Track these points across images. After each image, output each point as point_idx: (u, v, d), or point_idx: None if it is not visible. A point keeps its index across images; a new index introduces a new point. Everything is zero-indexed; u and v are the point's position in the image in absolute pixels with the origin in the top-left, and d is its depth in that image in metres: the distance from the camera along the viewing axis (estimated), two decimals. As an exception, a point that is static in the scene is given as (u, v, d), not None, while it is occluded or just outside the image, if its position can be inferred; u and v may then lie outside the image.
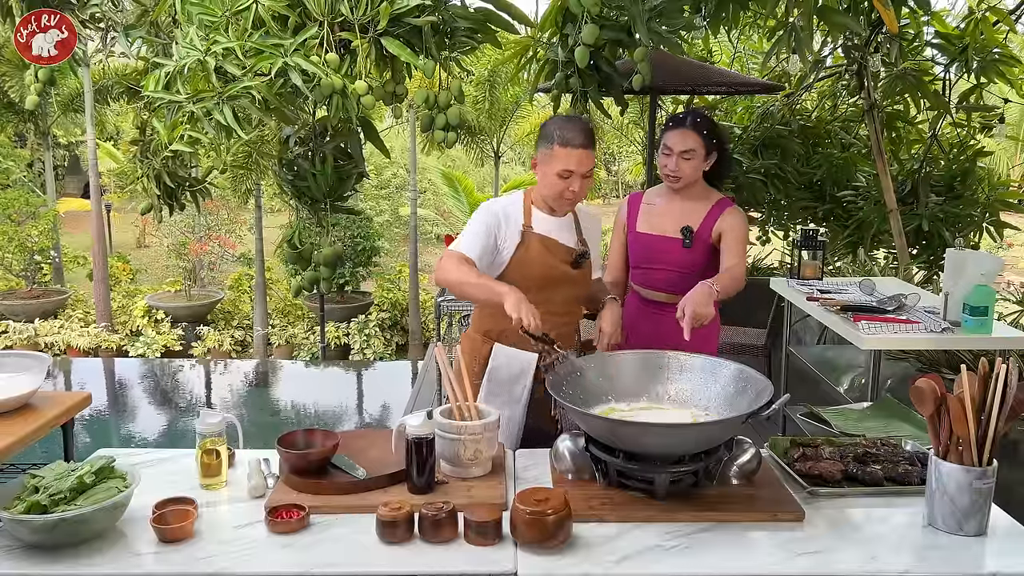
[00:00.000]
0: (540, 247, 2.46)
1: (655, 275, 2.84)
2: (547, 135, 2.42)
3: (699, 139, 2.71)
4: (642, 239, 2.87)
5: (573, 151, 2.37)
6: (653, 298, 2.85)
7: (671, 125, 2.77)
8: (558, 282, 2.48)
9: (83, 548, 1.69)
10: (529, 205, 2.51)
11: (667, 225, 2.81)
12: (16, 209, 10.57)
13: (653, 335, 2.74)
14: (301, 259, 3.64)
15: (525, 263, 2.45)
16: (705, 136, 2.71)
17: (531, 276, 2.44)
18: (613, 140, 15.41)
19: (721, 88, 5.81)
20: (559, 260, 2.48)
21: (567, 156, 2.38)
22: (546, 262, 2.46)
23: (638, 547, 1.71)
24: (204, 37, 2.75)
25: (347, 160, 3.62)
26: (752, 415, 1.88)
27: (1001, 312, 4.40)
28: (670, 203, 2.84)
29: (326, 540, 1.74)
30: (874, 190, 5.67)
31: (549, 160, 2.40)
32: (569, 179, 2.39)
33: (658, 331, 2.75)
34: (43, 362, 2.57)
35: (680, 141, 2.71)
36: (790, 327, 4.73)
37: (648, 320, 2.85)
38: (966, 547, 1.73)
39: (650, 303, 2.86)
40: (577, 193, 2.42)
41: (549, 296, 2.45)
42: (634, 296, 2.94)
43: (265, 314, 10.14)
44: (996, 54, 5.02)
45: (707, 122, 2.74)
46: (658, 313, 2.81)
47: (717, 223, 2.75)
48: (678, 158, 2.72)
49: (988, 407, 1.73)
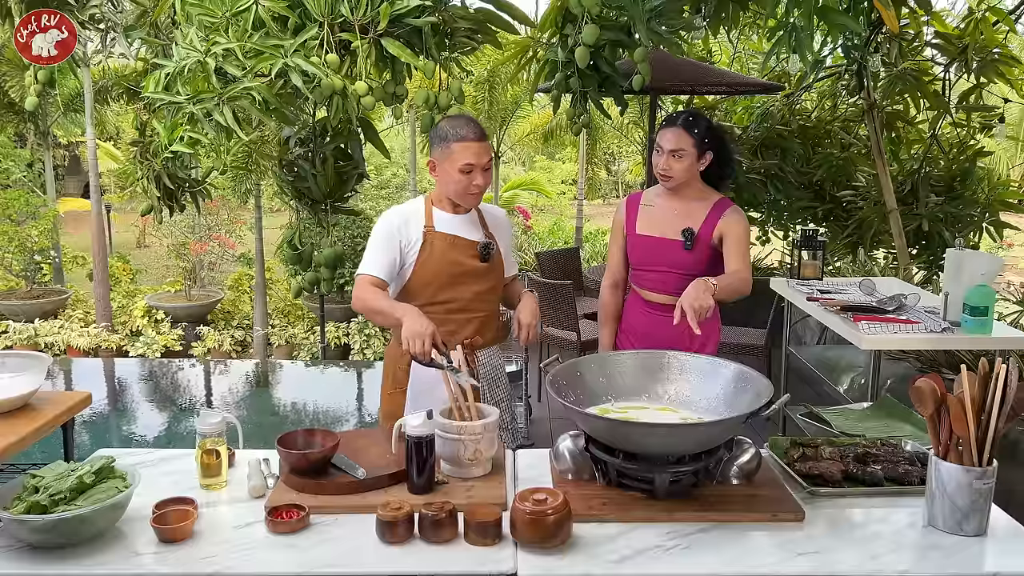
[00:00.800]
0: (444, 245, 2.49)
1: (655, 277, 2.83)
2: (442, 135, 2.45)
3: (690, 139, 2.70)
4: (642, 241, 2.85)
5: (470, 145, 2.41)
6: (653, 300, 2.85)
7: (664, 124, 2.78)
8: (466, 277, 2.51)
9: (83, 548, 1.69)
10: (430, 207, 2.54)
11: (667, 227, 2.80)
12: (16, 209, 10.56)
13: (654, 337, 2.75)
14: (301, 259, 3.64)
15: (430, 263, 2.49)
16: (696, 135, 2.70)
17: (438, 275, 2.49)
18: (613, 140, 15.39)
19: (721, 88, 5.82)
20: (465, 256, 2.51)
21: (465, 150, 2.41)
22: (451, 259, 2.49)
23: (638, 547, 1.71)
24: (204, 38, 2.75)
25: (347, 161, 3.62)
26: (752, 415, 1.88)
27: (1001, 312, 4.41)
28: (669, 204, 2.82)
29: (326, 540, 1.75)
30: (874, 190, 5.67)
31: (448, 158, 2.44)
32: (472, 173, 2.43)
33: (658, 333, 2.75)
34: (43, 362, 2.57)
35: (670, 140, 2.71)
36: (790, 327, 4.73)
37: (649, 322, 2.85)
38: (966, 547, 1.73)
39: (650, 305, 2.86)
40: (481, 186, 2.45)
41: (458, 293, 2.51)
42: (635, 297, 2.94)
43: (265, 314, 10.13)
44: (996, 54, 5.02)
45: (700, 122, 2.72)
46: (658, 315, 2.80)
47: (718, 225, 2.74)
48: (668, 157, 2.71)
49: (988, 407, 1.73)
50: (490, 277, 2.57)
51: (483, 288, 2.55)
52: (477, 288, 2.54)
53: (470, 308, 2.54)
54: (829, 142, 6.24)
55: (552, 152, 19.18)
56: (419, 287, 2.51)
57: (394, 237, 2.48)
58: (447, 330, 2.47)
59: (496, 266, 2.58)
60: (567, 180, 19.54)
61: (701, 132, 2.71)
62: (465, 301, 2.53)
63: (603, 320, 3.04)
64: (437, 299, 2.51)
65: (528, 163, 20.50)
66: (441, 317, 2.47)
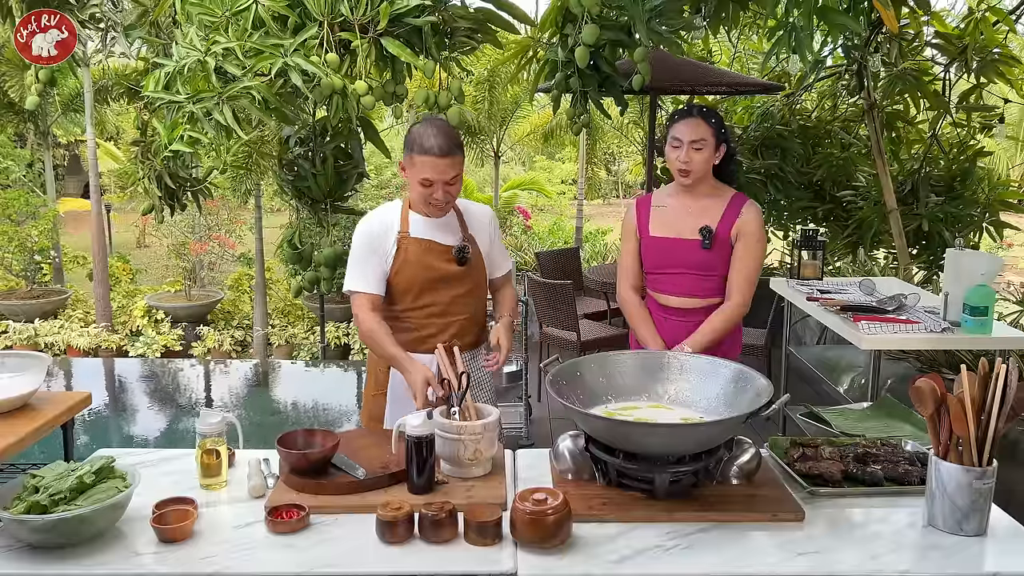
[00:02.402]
0: (419, 250, 2.45)
1: (672, 279, 2.71)
2: (408, 142, 2.38)
3: (709, 128, 2.60)
4: (657, 243, 2.73)
5: (428, 159, 2.32)
6: (670, 304, 2.73)
7: (678, 117, 2.66)
8: (442, 282, 2.47)
9: (83, 548, 1.69)
10: (407, 211, 2.49)
11: (683, 226, 2.68)
12: (16, 209, 10.56)
13: (672, 344, 2.64)
14: (301, 259, 3.64)
15: (406, 269, 2.46)
16: (714, 125, 2.61)
17: (414, 280, 2.45)
18: (613, 140, 15.39)
19: (721, 88, 5.82)
20: (441, 260, 2.46)
21: (423, 164, 2.33)
22: (427, 264, 2.45)
23: (638, 547, 1.71)
24: (204, 37, 2.75)
25: (347, 160, 3.62)
26: (752, 415, 1.88)
27: (1001, 312, 4.40)
28: (683, 203, 2.71)
29: (326, 540, 1.74)
30: (874, 190, 5.66)
31: (412, 167, 2.37)
32: (432, 187, 2.35)
33: (677, 338, 2.65)
34: (43, 362, 2.57)
35: (690, 131, 2.60)
36: (790, 327, 4.73)
37: (666, 327, 2.73)
38: (966, 547, 1.73)
39: (666, 309, 2.74)
40: (440, 200, 2.38)
41: (437, 297, 2.47)
42: (651, 303, 2.81)
43: (265, 314, 10.13)
44: (996, 54, 5.02)
45: (714, 112, 2.65)
46: (675, 319, 2.72)
47: (736, 222, 2.64)
48: (688, 148, 2.59)
49: (988, 407, 1.73)
50: (468, 280, 2.52)
51: (461, 291, 2.50)
52: (455, 292, 2.49)
53: (449, 312, 2.50)
54: (829, 142, 6.24)
55: (552, 152, 19.18)
56: (398, 293, 2.49)
57: (375, 246, 2.46)
58: (427, 334, 2.48)
59: (475, 269, 2.53)
60: (567, 180, 19.55)
61: (718, 122, 2.62)
62: (444, 305, 2.48)
63: (635, 322, 2.80)
64: (417, 304, 2.48)
65: (528, 163, 20.50)
66: (422, 321, 2.48)
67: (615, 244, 11.29)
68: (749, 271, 2.65)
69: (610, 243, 11.79)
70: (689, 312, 2.69)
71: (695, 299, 2.68)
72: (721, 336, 2.62)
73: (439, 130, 2.35)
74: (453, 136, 2.37)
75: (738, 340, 2.81)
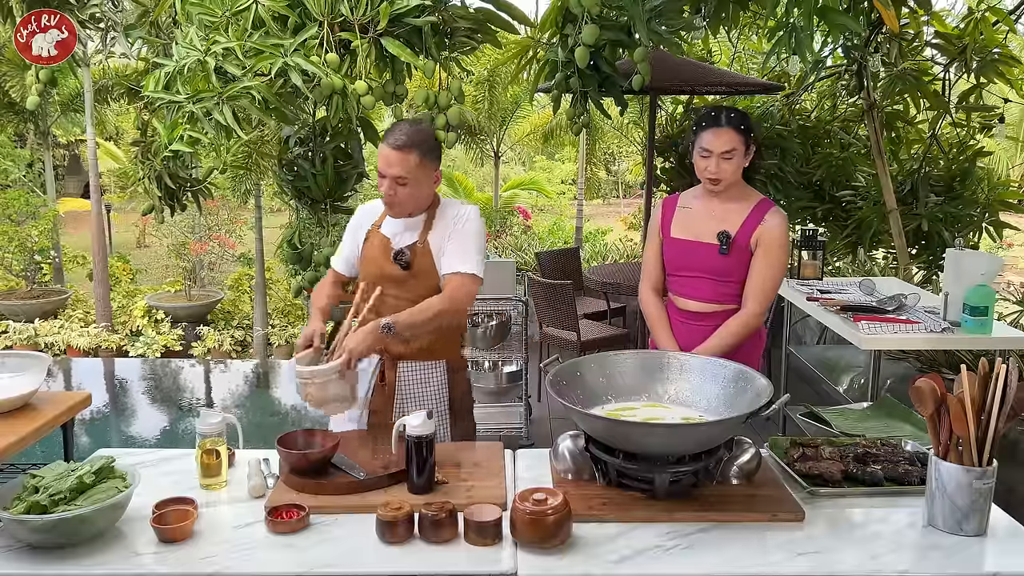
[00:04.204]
0: (374, 247, 2.47)
1: (690, 283, 2.66)
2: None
3: (737, 136, 2.51)
4: (677, 245, 2.67)
5: (383, 149, 2.30)
6: (688, 308, 2.67)
7: (705, 125, 2.55)
8: (387, 282, 2.40)
9: (83, 548, 1.69)
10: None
11: (703, 229, 2.62)
12: (16, 209, 10.56)
13: (690, 349, 2.55)
14: (301, 259, 3.64)
15: (363, 262, 2.51)
16: (743, 131, 2.52)
17: (368, 275, 2.48)
18: (613, 140, 15.39)
19: (721, 88, 5.81)
20: (386, 260, 2.41)
21: (379, 155, 2.32)
22: (376, 262, 2.45)
23: (638, 547, 1.71)
24: (204, 37, 2.75)
25: (347, 160, 3.62)
26: (752, 415, 1.88)
27: (1001, 312, 4.41)
28: (707, 206, 2.64)
29: (326, 540, 1.75)
30: (874, 190, 5.66)
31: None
32: (383, 179, 2.31)
33: (691, 342, 2.60)
34: (43, 362, 2.57)
35: (721, 142, 2.51)
36: (790, 327, 4.73)
37: (684, 331, 2.67)
38: (966, 547, 1.73)
39: (684, 313, 2.69)
40: (393, 196, 2.32)
41: (384, 297, 2.37)
42: (669, 305, 2.76)
43: (265, 314, 10.13)
44: (996, 54, 5.02)
45: (741, 116, 2.54)
46: (693, 324, 2.65)
47: (757, 229, 2.57)
48: (718, 159, 2.51)
49: (988, 407, 1.73)
50: (411, 286, 2.39)
51: (408, 296, 2.37)
52: (394, 294, 2.39)
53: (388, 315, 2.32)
54: (829, 142, 6.24)
55: (552, 152, 19.18)
56: (361, 282, 2.47)
57: (355, 230, 2.56)
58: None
59: (421, 275, 2.39)
60: (567, 180, 19.55)
61: (748, 127, 2.53)
62: (386, 308, 2.35)
63: (653, 323, 2.75)
64: (364, 297, 2.40)
65: (528, 163, 20.51)
66: (368, 316, 2.35)
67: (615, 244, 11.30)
68: (765, 279, 2.57)
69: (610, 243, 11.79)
70: (706, 316, 2.63)
71: (712, 304, 2.63)
72: (737, 342, 2.56)
73: (405, 126, 2.33)
74: (415, 135, 2.30)
75: (758, 347, 2.72)
